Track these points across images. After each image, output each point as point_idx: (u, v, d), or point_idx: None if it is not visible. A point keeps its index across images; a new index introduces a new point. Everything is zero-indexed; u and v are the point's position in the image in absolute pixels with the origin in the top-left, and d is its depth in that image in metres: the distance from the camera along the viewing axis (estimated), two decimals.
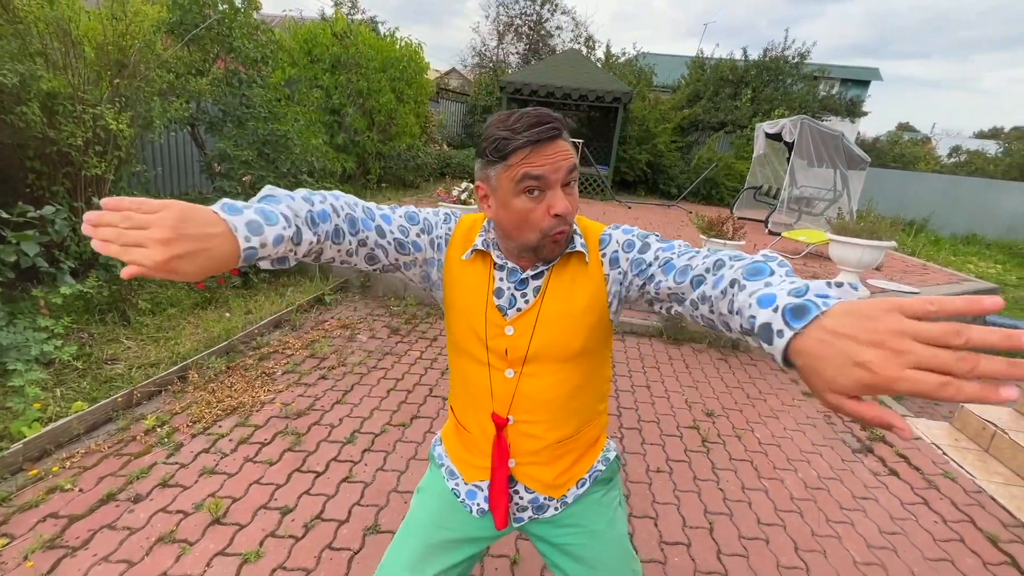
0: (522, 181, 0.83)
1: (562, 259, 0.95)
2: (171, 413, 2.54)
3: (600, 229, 0.99)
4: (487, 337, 0.96)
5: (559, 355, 0.95)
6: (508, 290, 0.96)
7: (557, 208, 0.83)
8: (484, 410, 1.00)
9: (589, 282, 0.94)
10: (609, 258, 0.94)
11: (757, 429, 2.97)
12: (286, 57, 6.02)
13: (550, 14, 18.36)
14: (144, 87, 3.47)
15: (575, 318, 0.94)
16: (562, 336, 0.94)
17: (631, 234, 0.95)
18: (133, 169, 3.83)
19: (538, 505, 1.03)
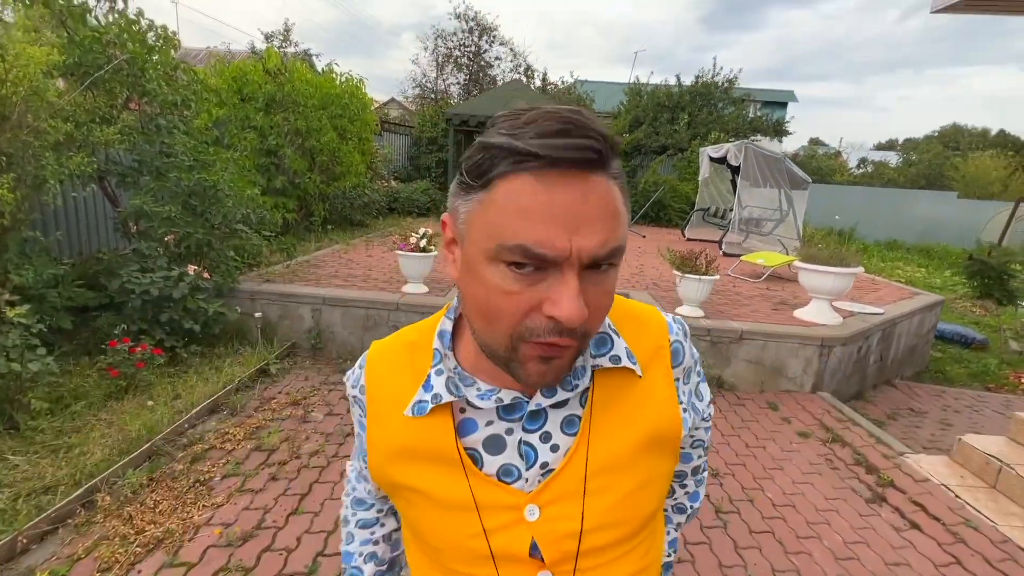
0: (505, 247, 0.44)
1: (599, 382, 0.57)
2: (71, 560, 1.97)
3: (661, 321, 0.64)
4: (489, 531, 0.55)
5: (627, 533, 0.57)
6: (512, 436, 0.56)
7: (559, 309, 0.43)
8: None
9: (653, 407, 0.59)
10: (680, 391, 0.61)
11: (767, 487, 2.75)
12: (213, 97, 5.48)
13: (488, 45, 18.55)
14: (33, 141, 2.90)
15: (646, 471, 0.58)
16: (632, 504, 0.57)
17: (695, 358, 0.66)
18: (23, 236, 3.20)
19: None
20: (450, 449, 0.56)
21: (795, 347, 3.92)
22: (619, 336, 0.59)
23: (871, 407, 4.32)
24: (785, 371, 3.97)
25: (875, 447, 3.18)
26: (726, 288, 5.50)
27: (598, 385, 0.57)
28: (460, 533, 0.56)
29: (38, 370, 2.70)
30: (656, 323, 0.64)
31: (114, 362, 3.11)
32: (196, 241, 3.86)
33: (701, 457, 0.78)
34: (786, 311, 4.56)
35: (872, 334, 4.31)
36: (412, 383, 0.59)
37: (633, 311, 0.64)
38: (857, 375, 4.33)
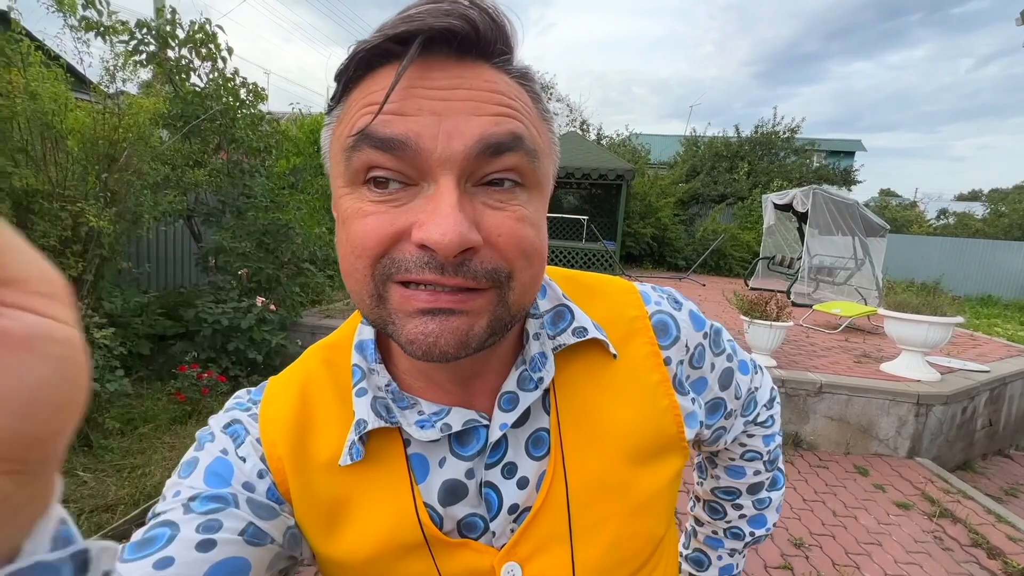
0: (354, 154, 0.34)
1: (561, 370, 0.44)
2: None
3: (631, 288, 0.51)
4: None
5: (635, 569, 0.45)
6: (473, 480, 0.43)
7: (425, 229, 0.32)
8: None
9: (643, 399, 0.46)
10: (676, 374, 0.48)
11: (864, 564, 2.36)
12: (292, 147, 5.96)
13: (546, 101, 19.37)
14: (135, 181, 3.21)
15: (646, 488, 0.45)
16: (633, 534, 0.44)
17: (703, 329, 0.51)
18: (118, 267, 3.49)
19: None
20: (404, 510, 0.41)
21: (886, 404, 3.49)
22: (577, 307, 0.46)
23: (983, 480, 3.74)
24: (875, 431, 3.53)
25: (996, 526, 2.70)
26: (798, 338, 5.10)
27: (561, 383, 0.44)
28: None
29: (115, 391, 2.85)
30: (624, 292, 0.50)
31: (182, 387, 3.24)
32: (266, 276, 4.06)
33: (759, 473, 0.63)
34: (871, 364, 4.13)
35: (978, 393, 3.79)
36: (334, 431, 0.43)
37: (594, 284, 0.51)
38: (962, 441, 3.79)
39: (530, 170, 0.35)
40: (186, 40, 3.71)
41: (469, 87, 0.33)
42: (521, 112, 0.35)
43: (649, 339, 0.47)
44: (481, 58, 0.34)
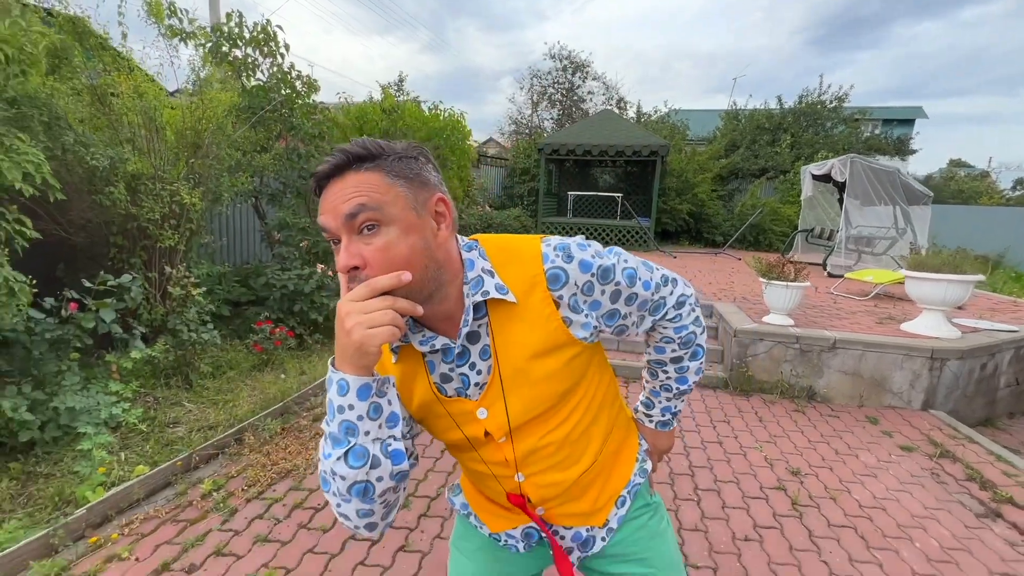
0: (324, 232, 0.71)
1: (492, 309, 0.78)
2: (227, 477, 2.50)
3: (536, 249, 0.79)
4: (461, 426, 0.83)
5: (544, 411, 0.82)
6: (453, 372, 0.80)
7: (337, 264, 0.69)
8: (490, 479, 0.90)
9: (537, 325, 0.78)
10: (567, 303, 0.79)
11: (855, 490, 2.62)
12: (340, 134, 6.48)
13: (581, 81, 19.28)
14: (215, 165, 3.75)
15: (540, 372, 0.79)
16: (537, 396, 0.80)
17: (591, 272, 0.79)
18: (202, 240, 4.09)
19: (582, 541, 0.93)
20: (425, 383, 0.81)
21: (899, 358, 3.64)
22: (495, 275, 0.77)
23: (1003, 435, 3.82)
24: (888, 385, 3.69)
25: (993, 465, 2.87)
26: (825, 303, 5.20)
27: (493, 318, 0.78)
28: (448, 434, 0.85)
29: (207, 340, 3.43)
30: (530, 255, 0.79)
31: (259, 340, 3.80)
32: (323, 248, 4.59)
33: (676, 351, 0.95)
34: (893, 325, 4.23)
35: (1000, 351, 3.85)
36: None
37: (510, 247, 0.81)
38: (983, 397, 3.87)
39: (380, 217, 0.67)
40: (251, 40, 4.22)
41: (342, 189, 0.67)
42: (364, 189, 0.67)
43: (543, 288, 0.78)
44: (349, 170, 0.68)
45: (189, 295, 3.32)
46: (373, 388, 0.68)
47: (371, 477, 0.69)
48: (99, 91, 3.17)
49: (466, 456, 0.89)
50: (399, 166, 0.69)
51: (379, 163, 0.68)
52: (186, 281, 3.34)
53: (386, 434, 0.71)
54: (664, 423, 1.06)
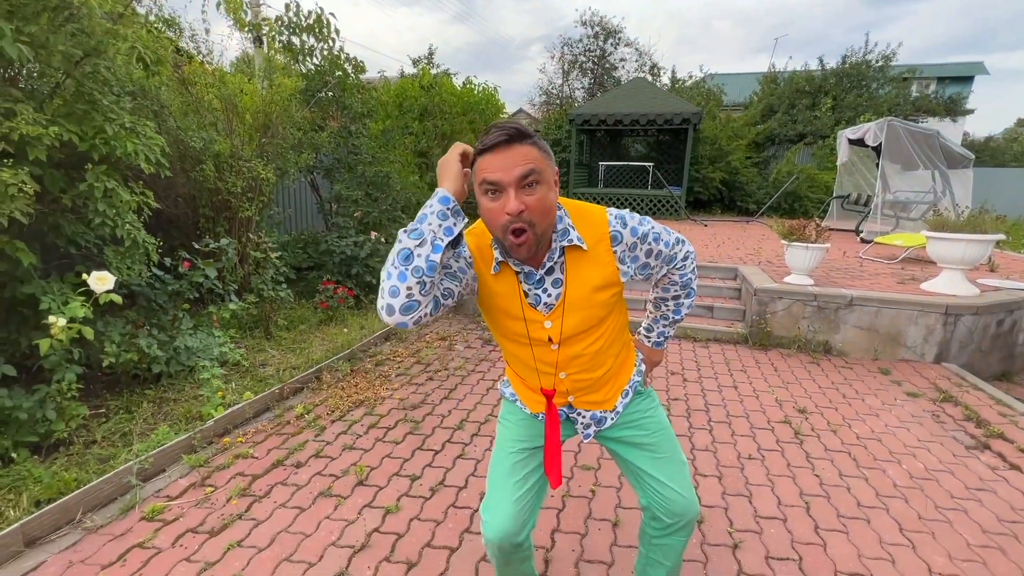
0: (482, 184, 1.00)
1: (569, 253, 1.12)
2: (313, 404, 3.03)
3: (603, 217, 1.14)
4: (529, 332, 1.18)
5: (589, 328, 1.18)
6: (532, 291, 1.14)
7: (507, 208, 0.97)
8: (533, 373, 1.27)
9: (599, 268, 1.13)
10: (619, 256, 1.15)
11: (855, 425, 2.93)
12: (382, 111, 6.88)
13: (613, 47, 18.94)
14: (282, 143, 4.23)
15: (595, 301, 1.15)
16: (588, 317, 1.16)
17: (636, 236, 1.15)
18: (270, 211, 4.61)
19: (598, 419, 1.32)
20: (516, 295, 1.16)
21: (914, 314, 3.85)
22: (575, 229, 1.12)
23: (1018, 389, 3.99)
24: (902, 339, 3.91)
25: (993, 407, 3.12)
26: (851, 266, 5.35)
27: (568, 259, 1.13)
28: (516, 329, 1.19)
29: (283, 298, 3.97)
30: (598, 220, 1.14)
31: (324, 298, 4.34)
32: (374, 218, 5.06)
33: (677, 291, 1.34)
34: (913, 285, 4.40)
35: (1019, 308, 3.99)
36: (489, 261, 1.15)
37: (583, 213, 1.15)
38: (999, 352, 4.04)
39: (539, 179, 0.99)
40: (307, 28, 4.62)
41: (513, 155, 0.97)
42: (535, 157, 0.98)
43: (606, 244, 1.13)
44: (515, 143, 0.97)
45: (267, 258, 3.85)
46: (451, 201, 0.99)
47: (416, 251, 0.96)
48: (188, 81, 3.66)
49: (523, 354, 1.26)
50: (543, 145, 1.03)
51: (534, 140, 1.00)
52: (264, 246, 3.86)
53: (440, 233, 0.98)
54: (658, 343, 1.48)
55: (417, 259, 0.95)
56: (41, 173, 2.33)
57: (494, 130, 0.99)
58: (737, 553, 1.92)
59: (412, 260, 0.95)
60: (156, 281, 3.12)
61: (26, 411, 2.24)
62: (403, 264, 0.95)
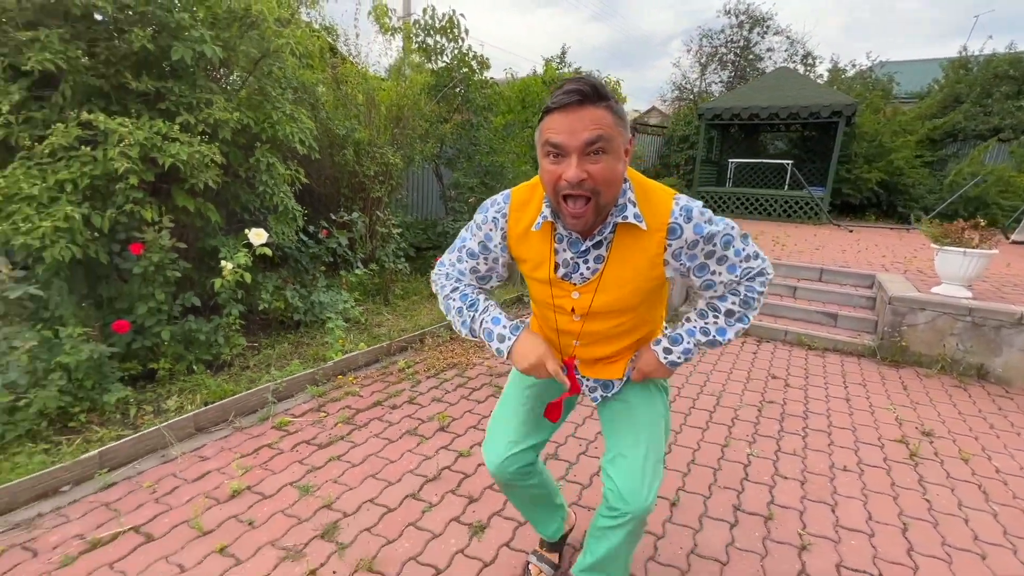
0: (545, 145, 0.95)
1: (621, 229, 1.04)
2: (414, 362, 3.41)
3: (668, 204, 1.03)
4: (554, 298, 1.15)
5: (618, 311, 1.13)
6: (571, 259, 1.08)
7: (566, 174, 0.92)
8: (554, 333, 1.25)
9: (646, 256, 1.04)
10: (672, 251, 1.05)
11: (999, 459, 2.49)
12: (504, 106, 7.26)
13: (760, 37, 17.43)
14: (410, 134, 4.74)
15: (633, 286, 1.08)
16: (620, 300, 1.10)
17: (700, 235, 1.03)
18: (398, 195, 5.18)
19: (603, 384, 1.31)
20: (546, 259, 1.11)
21: None
22: (635, 206, 1.02)
23: None
24: None
25: None
26: None
27: (617, 237, 1.05)
28: (543, 294, 1.17)
29: (401, 270, 4.47)
30: (662, 204, 1.03)
31: None
32: None
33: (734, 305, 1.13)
34: None
35: None
36: (532, 215, 1.11)
37: (649, 192, 1.05)
38: None
39: (606, 147, 0.92)
40: (439, 29, 5.11)
41: (581, 118, 0.90)
42: (606, 122, 0.91)
43: (662, 234, 1.03)
44: (588, 103, 0.91)
45: (391, 234, 4.37)
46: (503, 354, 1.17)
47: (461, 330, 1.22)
48: (338, 79, 4.30)
49: (547, 314, 1.23)
50: (618, 109, 0.95)
51: (609, 104, 0.92)
52: (389, 223, 4.38)
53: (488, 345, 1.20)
54: (675, 363, 1.20)
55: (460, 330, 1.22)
56: (228, 151, 2.97)
57: (568, 85, 0.91)
58: (804, 555, 1.80)
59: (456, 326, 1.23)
60: (302, 245, 3.75)
61: (204, 335, 2.88)
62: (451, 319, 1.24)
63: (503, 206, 1.15)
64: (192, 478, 2.10)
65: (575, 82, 0.91)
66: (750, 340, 4.17)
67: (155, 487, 2.03)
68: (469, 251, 1.22)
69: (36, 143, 2.39)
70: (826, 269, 4.86)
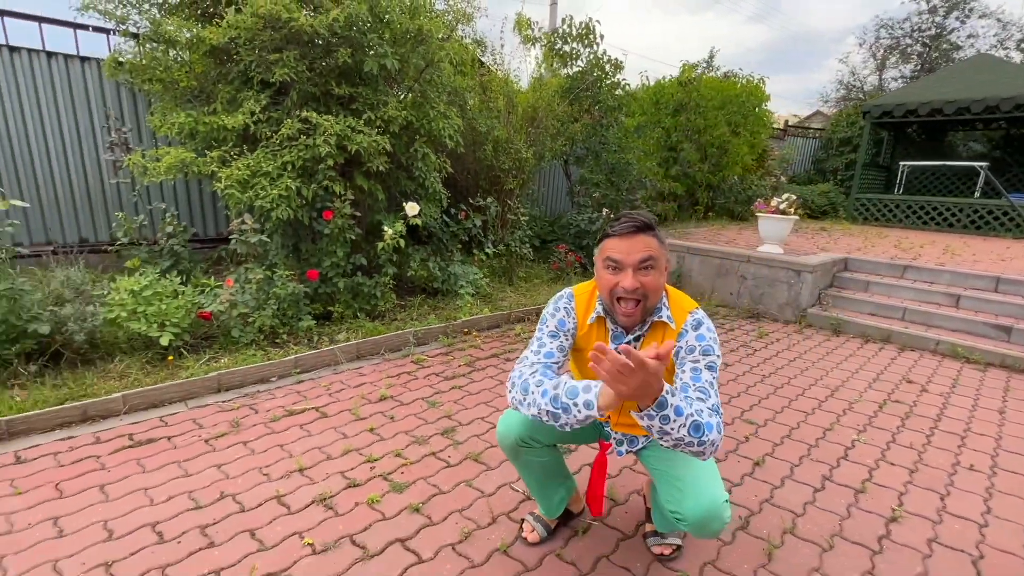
0: (605, 260, 1.26)
1: (654, 326, 1.32)
2: (528, 331, 3.82)
3: (689, 310, 1.32)
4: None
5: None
6: (615, 349, 1.26)
7: (623, 283, 1.22)
8: None
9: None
10: (676, 347, 1.22)
11: None
12: (637, 108, 7.41)
13: (959, 22, 14.87)
14: (543, 133, 5.21)
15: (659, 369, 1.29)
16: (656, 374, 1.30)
17: (701, 342, 1.28)
18: (529, 189, 5.69)
19: (630, 439, 1.50)
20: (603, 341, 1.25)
21: None
22: (668, 309, 1.32)
23: None
24: None
25: None
26: None
27: (650, 332, 1.33)
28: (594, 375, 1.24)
29: (525, 255, 4.94)
30: (683, 312, 1.32)
31: (556, 260, 5.17)
32: (611, 199, 5.66)
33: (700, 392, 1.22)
34: None
35: None
36: (589, 311, 1.38)
37: (679, 302, 1.35)
38: None
39: (655, 264, 1.26)
40: (576, 36, 5.51)
41: (636, 243, 1.25)
42: (654, 247, 1.26)
43: (676, 333, 1.30)
44: (640, 232, 1.25)
45: (519, 221, 4.86)
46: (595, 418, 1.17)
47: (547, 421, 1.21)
48: (484, 86, 4.94)
49: None
50: (662, 237, 1.29)
51: (656, 232, 1.26)
52: (518, 212, 4.88)
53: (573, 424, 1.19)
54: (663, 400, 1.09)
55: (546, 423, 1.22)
56: (394, 143, 3.69)
57: (624, 219, 1.25)
58: (891, 525, 1.78)
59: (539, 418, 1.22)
60: (443, 225, 4.41)
61: (367, 288, 3.62)
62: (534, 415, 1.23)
63: (570, 300, 1.44)
64: (353, 385, 2.74)
65: (631, 217, 1.25)
66: (889, 347, 3.81)
67: (329, 387, 2.70)
68: (550, 332, 1.41)
69: (272, 135, 3.30)
70: (1005, 278, 4.18)
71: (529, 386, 1.25)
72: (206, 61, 3.52)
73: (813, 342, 3.90)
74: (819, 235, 6.84)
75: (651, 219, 1.24)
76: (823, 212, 10.17)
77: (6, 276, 2.48)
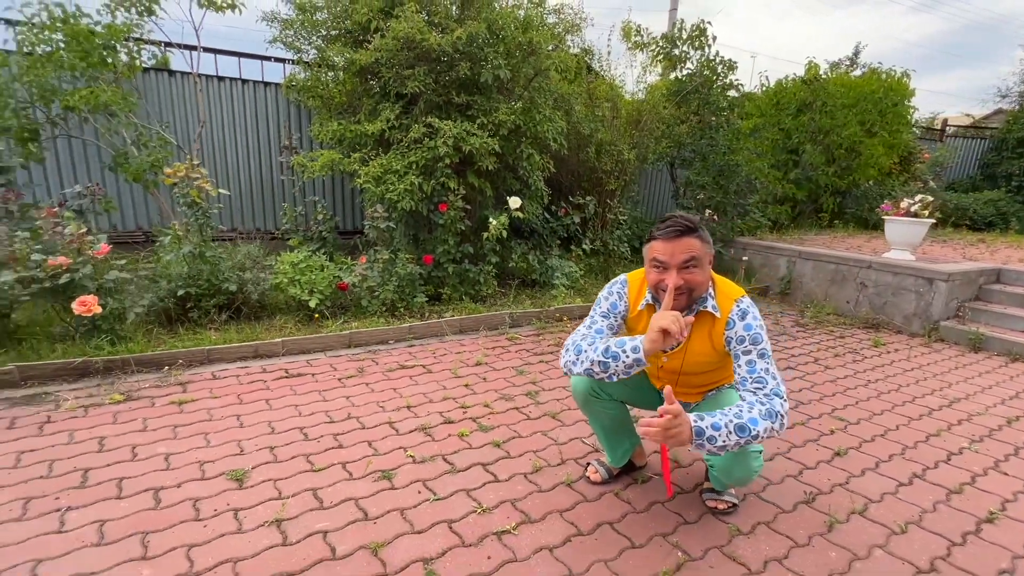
0: (652, 260, 1.40)
1: (700, 314, 1.44)
2: None
3: (735, 298, 1.44)
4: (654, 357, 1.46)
5: (700, 372, 1.54)
6: None
7: (667, 281, 1.37)
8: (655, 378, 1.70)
9: (716, 335, 1.44)
10: (725, 336, 1.43)
11: None
12: (754, 110, 7.10)
13: None
14: (647, 135, 5.30)
15: (708, 355, 1.48)
16: (700, 365, 1.52)
17: (749, 332, 1.40)
18: (631, 191, 5.79)
19: (684, 406, 1.66)
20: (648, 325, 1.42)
21: None
22: (714, 298, 1.46)
23: None
24: None
25: None
26: None
27: (697, 320, 1.47)
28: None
29: (622, 253, 5.06)
30: (731, 301, 1.44)
31: None
32: (716, 202, 5.54)
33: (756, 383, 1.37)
34: None
35: None
36: (640, 298, 1.57)
37: (724, 289, 1.48)
38: None
39: (697, 264, 1.41)
40: (687, 39, 5.52)
41: (679, 245, 1.40)
42: (696, 248, 1.41)
43: (724, 321, 1.46)
44: (684, 235, 1.40)
45: (619, 221, 5.01)
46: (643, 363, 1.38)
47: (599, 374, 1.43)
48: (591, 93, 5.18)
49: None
50: (705, 237, 1.42)
51: (699, 233, 1.39)
52: (618, 211, 5.03)
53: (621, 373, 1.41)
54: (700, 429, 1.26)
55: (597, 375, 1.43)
56: (503, 144, 4.10)
57: (669, 221, 1.39)
58: (984, 525, 1.68)
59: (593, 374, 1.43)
60: (544, 221, 4.72)
61: (472, 275, 4.05)
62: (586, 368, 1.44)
63: (623, 286, 1.62)
64: (454, 352, 3.15)
65: (675, 221, 1.38)
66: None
67: (434, 352, 3.14)
68: (602, 313, 1.60)
69: (402, 139, 3.88)
70: None
71: (582, 348, 1.45)
72: (354, 80, 4.24)
73: (942, 356, 3.52)
74: (974, 247, 5.98)
75: (695, 221, 1.36)
76: (988, 223, 8.73)
77: (211, 247, 3.28)
